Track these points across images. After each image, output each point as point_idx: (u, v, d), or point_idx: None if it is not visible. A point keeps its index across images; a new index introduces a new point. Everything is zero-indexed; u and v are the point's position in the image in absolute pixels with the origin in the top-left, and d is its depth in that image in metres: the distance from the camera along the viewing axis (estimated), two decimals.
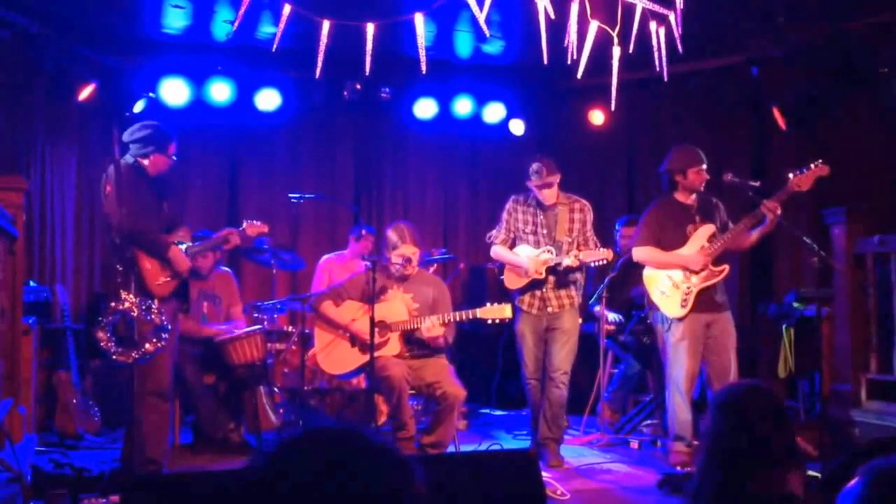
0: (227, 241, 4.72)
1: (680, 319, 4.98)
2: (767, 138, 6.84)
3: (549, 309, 5.11)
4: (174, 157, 4.55)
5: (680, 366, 4.97)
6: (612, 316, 6.08)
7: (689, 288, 4.98)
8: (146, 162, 4.45)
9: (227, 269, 6.15)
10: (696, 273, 4.97)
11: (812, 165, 4.82)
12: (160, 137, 4.47)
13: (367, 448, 1.13)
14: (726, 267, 5.02)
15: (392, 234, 4.97)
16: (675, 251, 5.06)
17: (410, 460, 1.17)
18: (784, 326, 5.83)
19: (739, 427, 2.06)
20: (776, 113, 6.52)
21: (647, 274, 5.13)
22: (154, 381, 4.27)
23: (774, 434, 2.04)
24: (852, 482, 1.29)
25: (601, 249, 5.00)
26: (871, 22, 5.96)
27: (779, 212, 4.83)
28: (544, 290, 5.11)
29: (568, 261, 4.97)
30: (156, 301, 4.18)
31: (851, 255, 5.47)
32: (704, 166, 5.07)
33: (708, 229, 5.06)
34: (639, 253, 5.15)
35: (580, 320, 5.51)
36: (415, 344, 4.89)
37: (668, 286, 5.03)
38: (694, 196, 5.12)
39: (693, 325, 4.97)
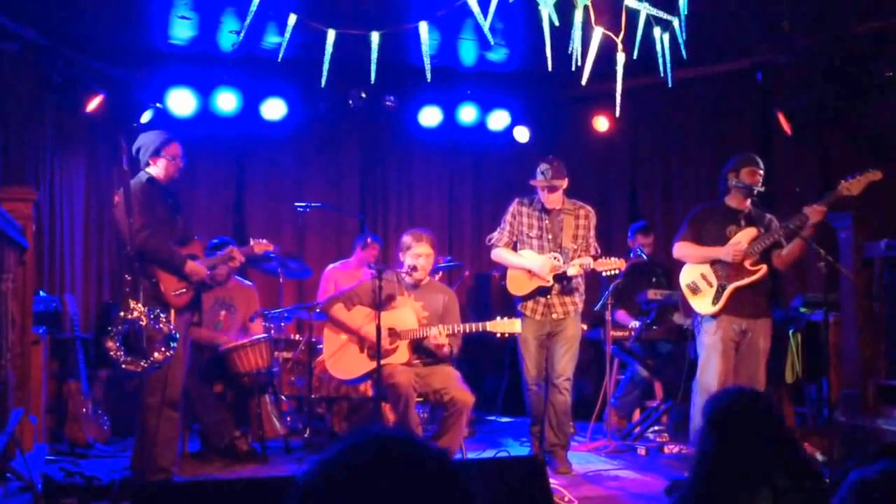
0: (232, 258, 4.76)
1: (713, 317, 4.80)
2: (772, 144, 6.84)
3: (554, 315, 5.09)
4: (183, 161, 4.59)
5: (711, 369, 4.76)
6: (633, 323, 6.06)
7: (721, 286, 4.79)
8: (153, 170, 4.49)
9: (249, 283, 6.17)
10: (729, 271, 4.77)
11: (868, 170, 4.67)
12: (158, 138, 4.55)
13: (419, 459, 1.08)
14: (764, 266, 4.80)
15: (407, 237, 4.95)
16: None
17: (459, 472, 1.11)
18: (791, 331, 5.81)
19: (720, 442, 1.87)
20: (781, 118, 6.52)
21: (683, 272, 4.97)
22: (168, 391, 4.29)
23: (753, 450, 1.84)
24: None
25: (613, 259, 4.97)
26: (876, 27, 5.96)
27: (821, 218, 4.66)
28: (549, 296, 5.08)
29: (572, 271, 4.95)
30: (170, 311, 4.22)
31: (859, 259, 5.46)
32: (760, 170, 4.91)
33: (749, 232, 4.85)
34: (676, 250, 5.01)
35: (584, 327, 5.48)
36: (422, 352, 4.90)
37: (701, 283, 4.87)
38: (748, 203, 4.92)
39: (727, 328, 4.79)
